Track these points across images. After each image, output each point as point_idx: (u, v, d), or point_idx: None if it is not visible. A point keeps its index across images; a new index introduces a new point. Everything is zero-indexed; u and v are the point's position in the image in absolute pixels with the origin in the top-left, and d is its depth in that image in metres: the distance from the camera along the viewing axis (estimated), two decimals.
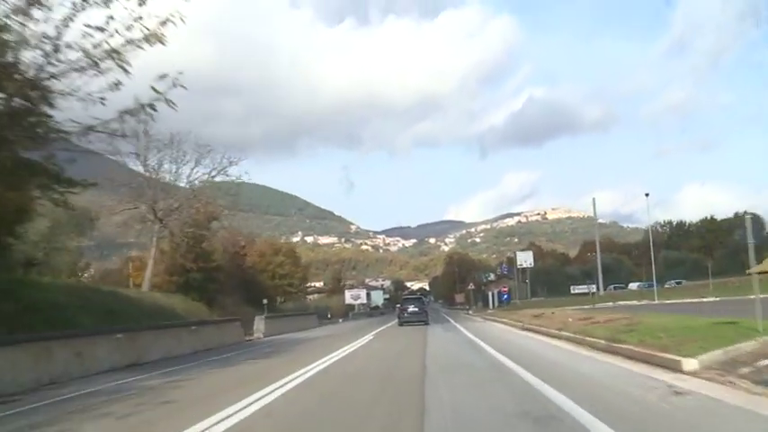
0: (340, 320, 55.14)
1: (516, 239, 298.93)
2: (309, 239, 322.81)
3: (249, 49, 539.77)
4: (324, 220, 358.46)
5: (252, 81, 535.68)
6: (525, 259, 61.51)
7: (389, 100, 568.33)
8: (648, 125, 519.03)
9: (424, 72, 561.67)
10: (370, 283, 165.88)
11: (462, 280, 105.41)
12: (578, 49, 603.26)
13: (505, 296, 45.96)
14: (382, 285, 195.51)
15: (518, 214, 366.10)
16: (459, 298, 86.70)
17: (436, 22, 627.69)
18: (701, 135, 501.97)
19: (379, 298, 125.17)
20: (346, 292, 74.55)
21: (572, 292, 66.93)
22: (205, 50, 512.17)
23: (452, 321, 36.19)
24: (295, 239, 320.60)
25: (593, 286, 57.13)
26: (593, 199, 49.82)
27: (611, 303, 41.10)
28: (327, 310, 62.30)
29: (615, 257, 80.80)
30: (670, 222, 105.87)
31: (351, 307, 73.14)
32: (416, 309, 33.19)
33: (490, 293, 67.48)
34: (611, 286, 60.45)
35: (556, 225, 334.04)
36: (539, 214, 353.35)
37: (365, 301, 76.19)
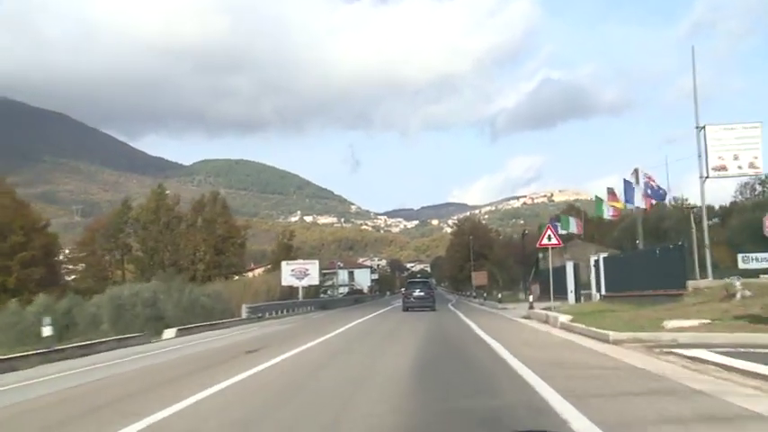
0: (168, 342, 19.11)
1: (522, 221, 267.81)
2: (308, 219, 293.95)
3: (264, 24, 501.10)
4: (324, 199, 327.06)
5: (266, 58, 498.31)
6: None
7: (404, 80, 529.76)
8: (662, 110, 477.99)
9: (441, 52, 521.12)
10: (364, 263, 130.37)
11: (479, 255, 69.87)
12: (597, 31, 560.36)
13: None
14: (378, 265, 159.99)
15: (524, 197, 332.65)
16: (480, 278, 51.34)
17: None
18: (714, 121, 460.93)
19: (365, 279, 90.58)
20: (284, 265, 38.44)
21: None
22: (219, 26, 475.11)
23: None
24: (293, 219, 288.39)
25: None
26: None
27: None
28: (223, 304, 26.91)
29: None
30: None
31: (294, 291, 38.24)
32: (423, 293, 29.66)
33: (550, 270, 31.81)
34: None
35: (563, 207, 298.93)
36: (545, 196, 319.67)
37: (317, 282, 40.24)
